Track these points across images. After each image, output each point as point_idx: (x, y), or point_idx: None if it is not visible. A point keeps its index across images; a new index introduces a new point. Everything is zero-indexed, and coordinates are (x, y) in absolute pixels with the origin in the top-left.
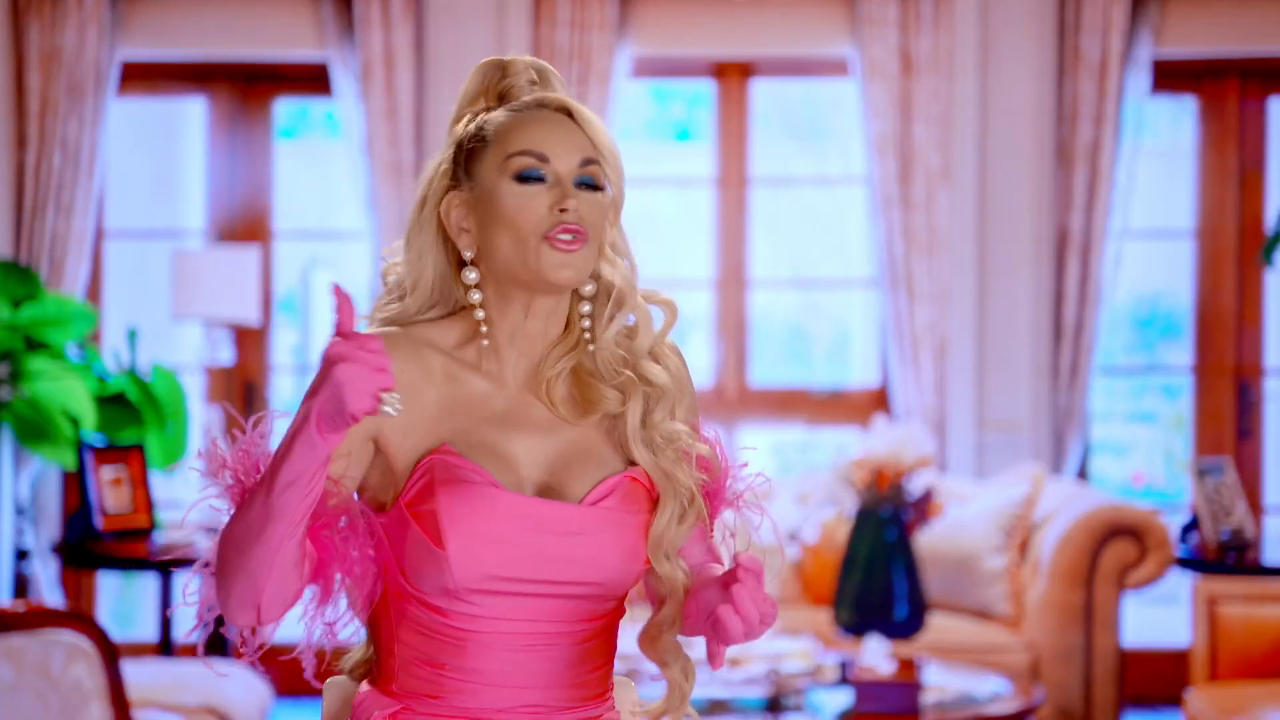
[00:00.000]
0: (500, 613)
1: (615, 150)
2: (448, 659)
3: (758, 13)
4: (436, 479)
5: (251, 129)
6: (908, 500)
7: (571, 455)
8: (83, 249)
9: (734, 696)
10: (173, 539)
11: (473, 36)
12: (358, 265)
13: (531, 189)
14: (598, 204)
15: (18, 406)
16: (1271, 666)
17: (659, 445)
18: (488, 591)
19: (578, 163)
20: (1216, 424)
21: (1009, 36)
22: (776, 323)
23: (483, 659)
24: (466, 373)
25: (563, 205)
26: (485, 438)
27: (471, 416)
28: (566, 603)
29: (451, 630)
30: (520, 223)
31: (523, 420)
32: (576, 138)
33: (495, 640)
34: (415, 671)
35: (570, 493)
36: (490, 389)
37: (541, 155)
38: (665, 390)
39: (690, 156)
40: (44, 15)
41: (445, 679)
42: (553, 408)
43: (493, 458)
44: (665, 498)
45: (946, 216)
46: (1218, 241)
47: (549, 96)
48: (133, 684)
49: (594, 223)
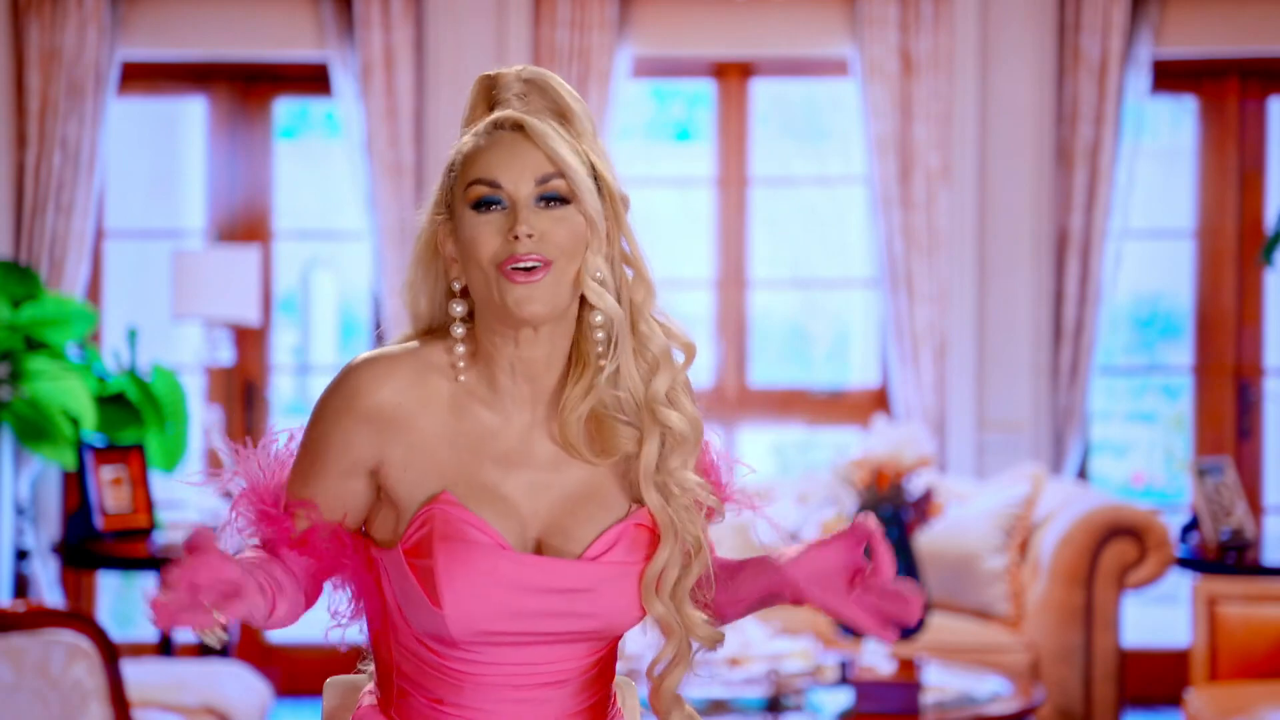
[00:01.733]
0: (499, 659)
1: (577, 158)
2: (445, 695)
3: (758, 13)
4: (435, 533)
5: (251, 129)
6: (908, 500)
7: (576, 498)
8: (83, 249)
9: (734, 696)
10: (173, 539)
11: (473, 36)
12: (358, 265)
13: (486, 217)
14: (565, 219)
15: (18, 406)
16: (1271, 666)
17: (672, 493)
18: (484, 642)
19: (533, 181)
20: (1216, 424)
21: (1009, 36)
22: (776, 323)
23: (481, 699)
24: (475, 405)
25: (514, 231)
26: (488, 479)
27: (475, 453)
28: (567, 647)
29: (449, 670)
30: (478, 254)
31: (527, 459)
32: (528, 156)
33: (494, 683)
34: (412, 703)
35: (573, 540)
36: (497, 423)
37: (492, 181)
38: (684, 439)
39: (690, 156)
40: (44, 15)
41: (443, 714)
42: (566, 447)
43: (493, 504)
44: (665, 539)
45: (946, 216)
46: (1218, 241)
47: (502, 115)
48: (133, 684)
49: (560, 242)
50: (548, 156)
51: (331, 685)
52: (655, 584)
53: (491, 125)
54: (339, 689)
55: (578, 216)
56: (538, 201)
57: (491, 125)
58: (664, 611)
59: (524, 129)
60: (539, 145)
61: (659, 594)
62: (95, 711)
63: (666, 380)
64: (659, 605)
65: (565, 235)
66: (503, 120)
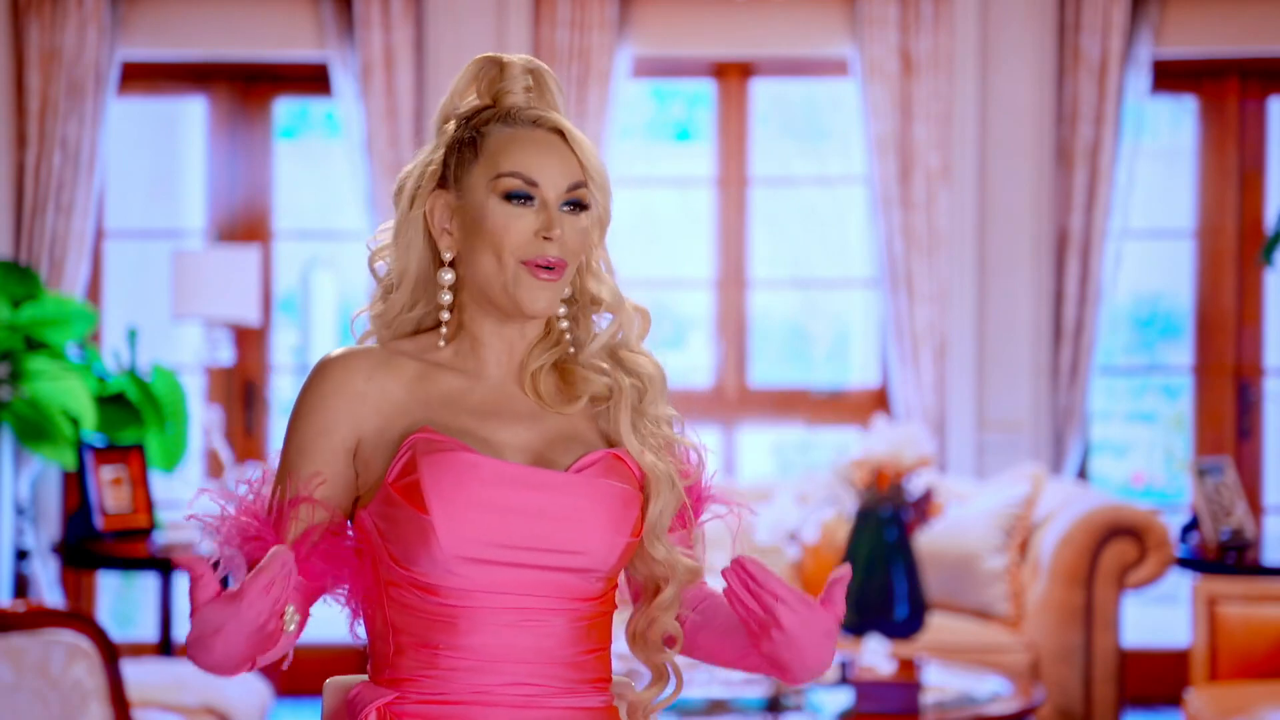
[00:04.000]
0: (489, 586)
1: (604, 171)
2: (440, 638)
3: (758, 13)
4: (419, 451)
5: (251, 129)
6: (908, 500)
7: (556, 438)
8: (83, 249)
9: (734, 696)
10: (173, 539)
11: (473, 36)
12: (358, 265)
13: (518, 210)
14: (581, 227)
15: (18, 406)
16: (1271, 666)
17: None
18: (475, 560)
19: (566, 187)
20: (1216, 424)
21: (1009, 36)
22: (776, 323)
23: (475, 634)
24: (440, 371)
25: (548, 234)
26: (465, 425)
27: (449, 408)
28: (554, 575)
29: (443, 608)
30: (504, 242)
31: (505, 410)
32: (567, 162)
33: (486, 615)
34: (409, 655)
35: (555, 465)
36: (466, 384)
37: (531, 180)
38: (652, 379)
39: (690, 156)
40: (44, 15)
41: (439, 658)
42: (537, 399)
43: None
44: (660, 485)
45: (946, 216)
46: (1218, 241)
47: (544, 116)
48: (133, 684)
49: (574, 246)
50: (582, 166)
51: (331, 685)
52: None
53: (530, 121)
54: (339, 689)
55: (588, 221)
56: (563, 206)
57: (530, 121)
58: (665, 554)
59: (564, 135)
60: (576, 154)
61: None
62: (95, 711)
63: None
64: (661, 548)
65: (578, 240)
66: (543, 120)
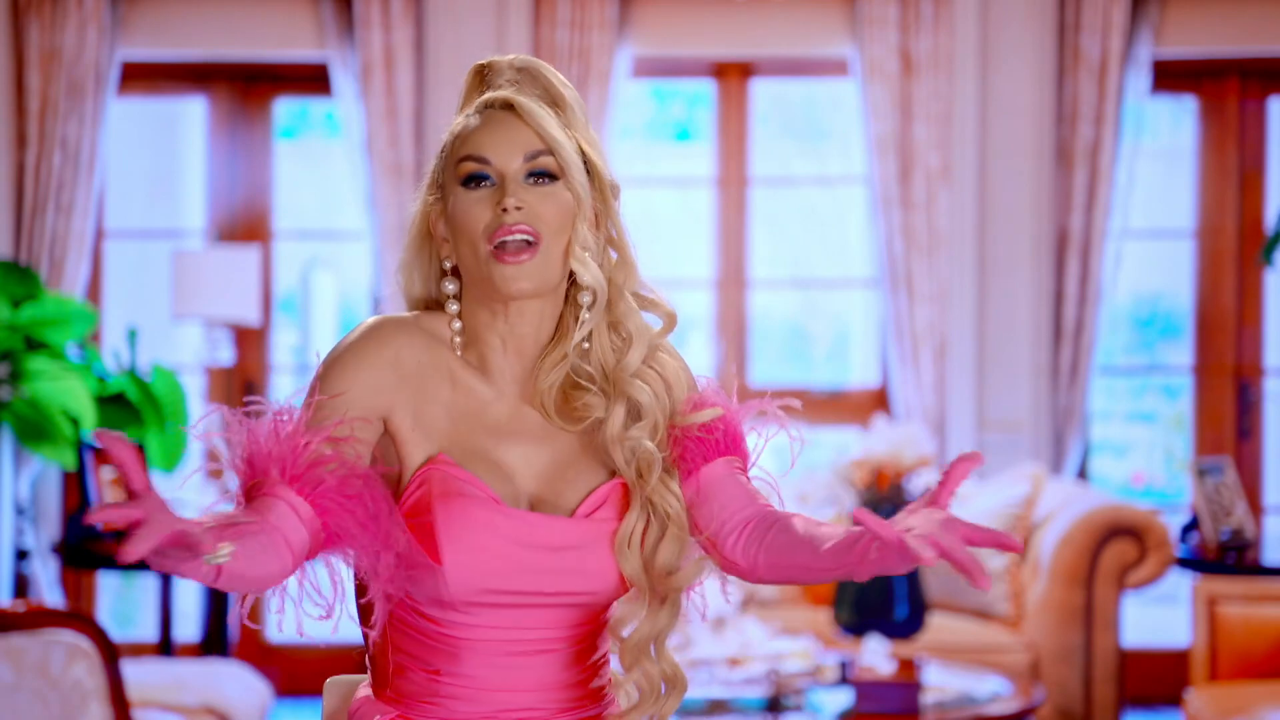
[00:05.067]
0: (493, 622)
1: (566, 140)
2: (442, 664)
3: (758, 13)
4: (434, 491)
5: (251, 129)
6: (908, 500)
7: (564, 463)
8: (83, 249)
9: (734, 696)
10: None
11: (473, 36)
12: (358, 265)
13: (476, 193)
14: (552, 196)
15: (18, 406)
16: (1271, 666)
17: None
18: (481, 604)
19: (522, 158)
20: (1216, 424)
21: (1009, 36)
22: (776, 323)
23: (476, 665)
24: (470, 376)
25: (502, 204)
26: (482, 446)
27: (469, 423)
28: (558, 611)
29: (445, 638)
30: (468, 227)
31: (519, 429)
32: (519, 132)
33: (489, 648)
34: (410, 676)
35: (564, 502)
36: (491, 396)
37: (481, 157)
38: (647, 411)
39: (690, 156)
40: (44, 15)
41: (440, 684)
42: (547, 416)
43: (488, 468)
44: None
45: (946, 216)
46: (1218, 241)
47: (493, 95)
48: (133, 684)
49: (548, 218)
50: (537, 133)
51: (331, 685)
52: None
53: (483, 105)
54: (339, 689)
55: (565, 194)
56: (527, 178)
57: (483, 105)
58: (634, 569)
59: (514, 108)
60: (528, 123)
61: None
62: (95, 711)
63: (639, 355)
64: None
65: (553, 212)
66: (493, 100)
